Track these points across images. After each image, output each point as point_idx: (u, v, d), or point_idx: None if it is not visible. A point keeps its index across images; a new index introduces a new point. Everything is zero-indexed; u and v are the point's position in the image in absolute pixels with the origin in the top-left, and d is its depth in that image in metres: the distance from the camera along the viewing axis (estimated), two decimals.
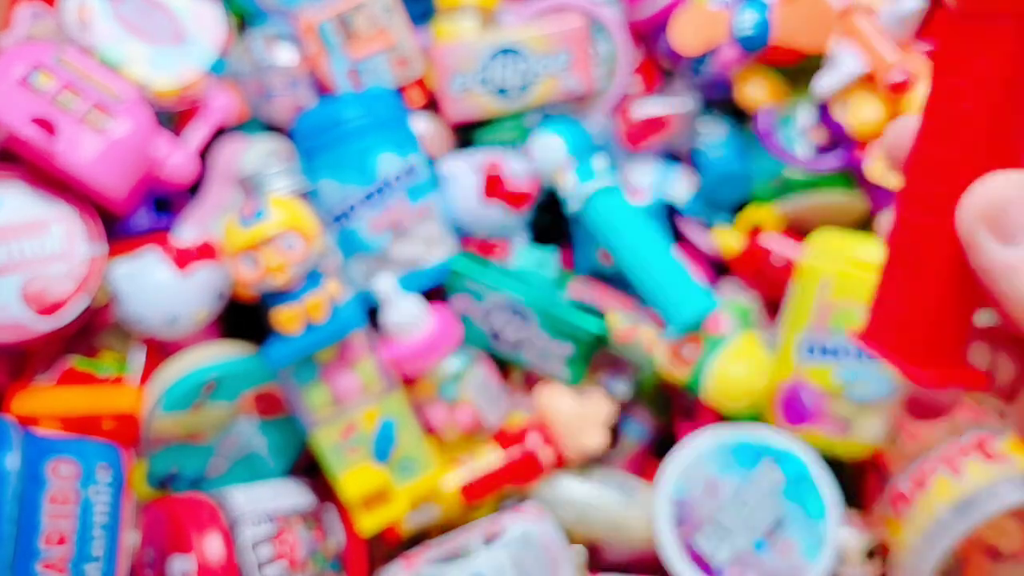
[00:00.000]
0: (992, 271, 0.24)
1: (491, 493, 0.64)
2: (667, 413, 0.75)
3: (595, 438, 0.63)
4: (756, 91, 0.68)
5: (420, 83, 0.72)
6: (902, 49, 0.62)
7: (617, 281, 0.73)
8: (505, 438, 0.65)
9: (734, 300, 0.74)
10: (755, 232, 0.74)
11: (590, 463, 0.67)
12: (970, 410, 0.67)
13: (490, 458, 0.64)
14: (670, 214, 0.78)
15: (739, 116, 0.77)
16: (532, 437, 0.64)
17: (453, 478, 0.63)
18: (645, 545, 0.70)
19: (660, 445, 0.77)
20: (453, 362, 0.64)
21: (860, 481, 0.69)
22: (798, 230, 0.73)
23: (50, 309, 0.62)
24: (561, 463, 0.66)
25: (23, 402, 0.66)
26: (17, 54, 0.62)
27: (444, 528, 0.66)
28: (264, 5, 0.74)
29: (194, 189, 0.74)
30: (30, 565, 0.56)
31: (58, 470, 0.59)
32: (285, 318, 0.56)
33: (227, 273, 0.63)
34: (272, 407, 0.64)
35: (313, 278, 0.56)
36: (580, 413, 0.64)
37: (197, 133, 0.68)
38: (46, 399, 0.65)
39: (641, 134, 0.74)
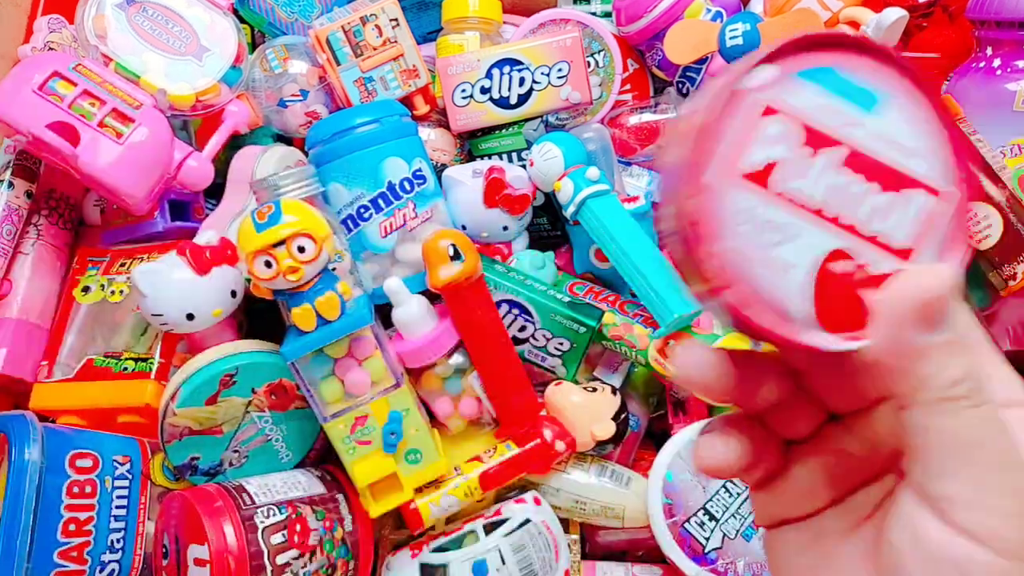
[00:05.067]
0: (908, 353, 0.24)
1: (507, 482, 0.63)
2: (659, 405, 0.74)
3: (604, 429, 0.63)
4: None
5: (426, 92, 0.71)
6: None
7: (612, 281, 0.72)
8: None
9: None
10: None
11: (587, 453, 0.67)
12: None
13: (507, 450, 0.64)
14: None
15: None
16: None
17: (471, 467, 0.63)
18: (639, 532, 0.69)
19: (652, 436, 0.77)
20: (457, 357, 0.63)
21: None
22: None
23: None
24: (572, 453, 0.65)
25: (43, 396, 0.64)
26: (36, 63, 0.61)
27: (450, 517, 0.65)
28: (277, 17, 0.73)
29: (208, 194, 0.73)
30: (49, 555, 0.55)
31: (77, 462, 0.58)
32: (299, 316, 0.55)
33: (240, 273, 0.62)
34: (286, 400, 0.62)
35: (325, 278, 0.56)
36: (589, 407, 0.64)
37: (212, 140, 0.67)
38: (66, 393, 0.64)
39: (634, 141, 0.73)
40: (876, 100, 0.26)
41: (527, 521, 0.62)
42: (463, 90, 0.69)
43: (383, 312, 0.63)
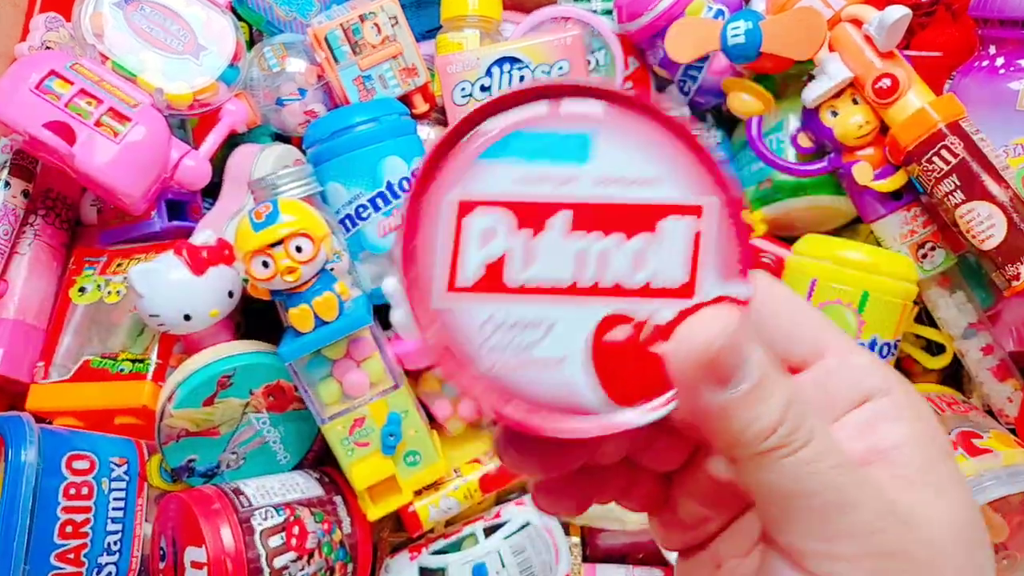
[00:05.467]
0: (709, 414, 0.22)
1: (507, 484, 0.63)
2: None
3: None
4: (746, 99, 0.66)
5: (425, 90, 0.71)
6: (888, 57, 0.61)
7: None
8: None
9: None
10: None
11: None
12: (956, 407, 0.66)
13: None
14: None
15: (730, 123, 0.76)
16: None
17: (471, 470, 0.63)
18: (640, 535, 0.69)
19: None
20: None
21: None
22: (786, 233, 0.72)
23: None
24: None
25: (40, 398, 0.64)
26: (33, 61, 0.60)
27: (450, 519, 0.65)
28: (275, 15, 0.72)
29: (206, 193, 0.73)
30: (46, 557, 0.55)
31: (74, 464, 0.57)
32: (296, 316, 0.55)
33: (237, 273, 0.62)
34: (284, 401, 0.62)
35: (323, 278, 0.55)
36: None
37: (208, 139, 0.67)
38: (62, 395, 0.64)
39: None
40: (586, 142, 0.23)
41: (527, 524, 0.62)
42: (463, 89, 0.69)
43: (382, 313, 0.63)
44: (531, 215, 0.22)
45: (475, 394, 0.23)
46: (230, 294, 0.61)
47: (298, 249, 0.53)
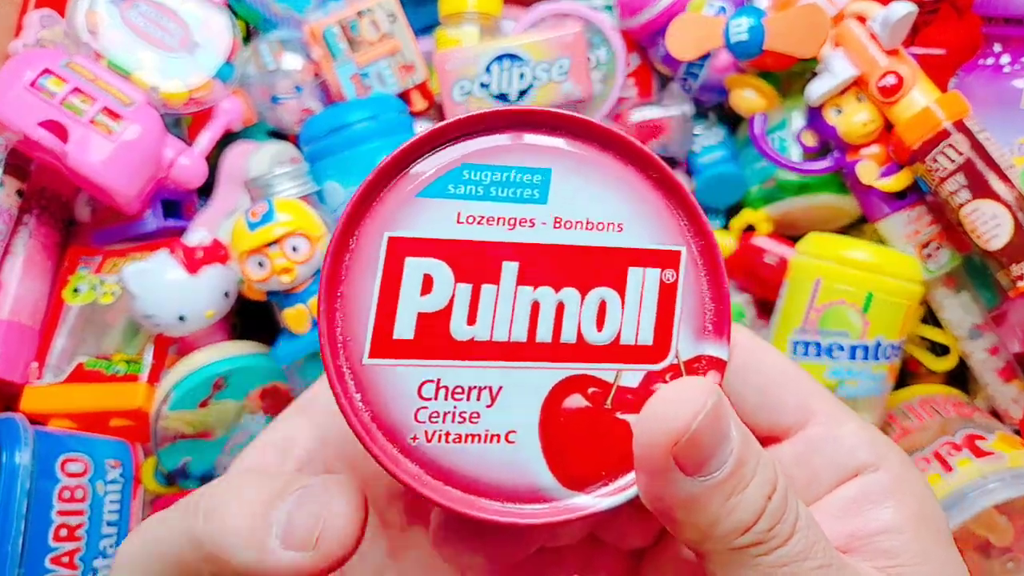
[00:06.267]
0: (674, 504, 0.19)
1: None
2: None
3: None
4: (750, 96, 0.66)
5: (423, 88, 0.70)
6: (893, 54, 0.61)
7: None
8: None
9: None
10: (748, 234, 0.72)
11: None
12: (960, 408, 0.66)
13: None
14: None
15: (733, 120, 0.75)
16: None
17: None
18: None
19: None
20: None
21: None
22: (790, 232, 0.72)
23: None
24: None
25: (34, 399, 0.64)
26: (27, 59, 0.60)
27: None
28: (271, 12, 0.72)
29: (201, 192, 0.72)
30: (41, 560, 0.54)
31: (68, 467, 0.57)
32: (292, 317, 0.54)
33: (233, 273, 0.61)
34: (280, 404, 0.62)
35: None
36: None
37: (204, 137, 0.66)
38: (56, 396, 0.63)
39: (638, 138, 0.72)
40: (544, 179, 0.20)
41: None
42: (462, 86, 0.68)
43: None
44: (479, 261, 0.19)
45: (401, 471, 0.19)
46: (226, 294, 0.61)
47: (294, 249, 0.53)
